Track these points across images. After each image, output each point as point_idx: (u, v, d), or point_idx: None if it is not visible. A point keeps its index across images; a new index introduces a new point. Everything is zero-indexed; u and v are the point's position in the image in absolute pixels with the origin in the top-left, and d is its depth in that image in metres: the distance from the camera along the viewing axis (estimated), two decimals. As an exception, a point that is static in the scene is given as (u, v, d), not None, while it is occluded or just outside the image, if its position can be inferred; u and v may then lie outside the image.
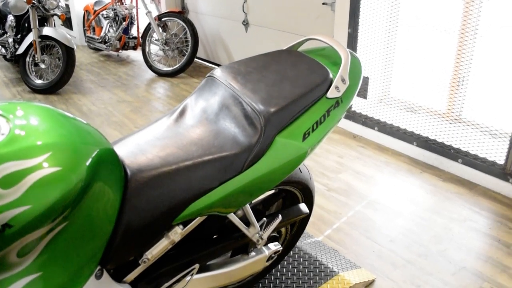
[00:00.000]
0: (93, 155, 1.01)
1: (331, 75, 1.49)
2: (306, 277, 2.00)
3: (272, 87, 1.39)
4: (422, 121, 3.13)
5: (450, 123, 3.03)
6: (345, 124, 3.62)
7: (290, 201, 1.80)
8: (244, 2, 4.61)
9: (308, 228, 2.39)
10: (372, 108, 3.43)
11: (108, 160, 1.06)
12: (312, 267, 2.06)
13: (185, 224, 1.28)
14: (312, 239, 2.30)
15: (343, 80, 1.48)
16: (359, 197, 2.70)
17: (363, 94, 3.43)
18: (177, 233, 1.26)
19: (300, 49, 1.72)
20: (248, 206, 1.47)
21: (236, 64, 1.51)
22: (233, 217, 1.43)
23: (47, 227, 0.94)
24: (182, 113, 1.42)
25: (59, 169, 0.93)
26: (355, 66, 1.58)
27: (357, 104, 3.51)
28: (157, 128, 1.36)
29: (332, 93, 1.45)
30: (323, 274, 2.02)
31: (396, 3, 3.12)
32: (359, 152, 3.27)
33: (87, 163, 0.98)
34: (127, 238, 1.13)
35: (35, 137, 0.94)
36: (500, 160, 2.71)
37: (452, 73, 3.00)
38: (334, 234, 2.37)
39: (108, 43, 5.51)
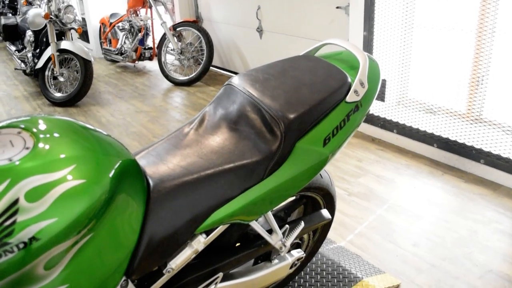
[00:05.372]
0: (116, 166, 1.02)
1: (349, 79, 1.48)
2: (330, 284, 1.98)
3: (291, 93, 1.38)
4: (442, 122, 3.09)
5: (471, 124, 2.99)
6: (363, 127, 3.59)
7: (311, 207, 1.79)
8: (258, 9, 4.63)
9: (330, 234, 2.37)
10: (390, 111, 3.40)
11: (131, 171, 1.07)
12: (335, 273, 2.04)
13: (208, 233, 1.28)
14: (335, 244, 2.28)
15: (362, 84, 1.47)
16: (380, 201, 2.67)
17: (380, 96, 3.40)
18: (200, 242, 1.26)
19: (317, 54, 1.71)
20: (270, 213, 1.46)
21: (254, 71, 1.51)
22: (255, 225, 1.42)
23: (73, 239, 0.95)
24: (202, 122, 1.42)
25: (84, 182, 0.94)
26: (374, 69, 1.57)
27: (375, 107, 3.48)
28: (178, 137, 1.37)
29: (351, 97, 1.44)
30: (347, 280, 2.00)
31: (411, 4, 3.10)
32: (379, 156, 3.24)
33: (111, 175, 0.99)
34: (151, 248, 1.14)
35: (59, 151, 0.95)
36: (524, 159, 2.66)
37: (471, 73, 2.96)
38: (356, 239, 2.35)
39: (125, 55, 5.59)
